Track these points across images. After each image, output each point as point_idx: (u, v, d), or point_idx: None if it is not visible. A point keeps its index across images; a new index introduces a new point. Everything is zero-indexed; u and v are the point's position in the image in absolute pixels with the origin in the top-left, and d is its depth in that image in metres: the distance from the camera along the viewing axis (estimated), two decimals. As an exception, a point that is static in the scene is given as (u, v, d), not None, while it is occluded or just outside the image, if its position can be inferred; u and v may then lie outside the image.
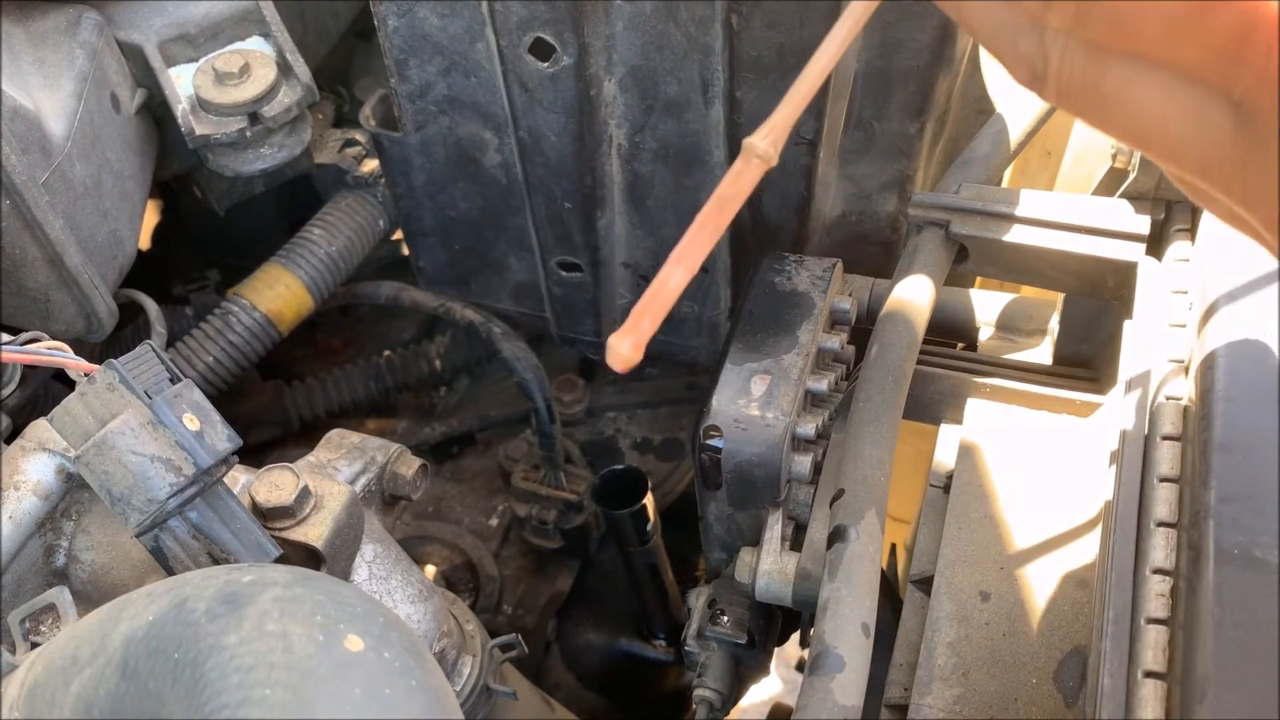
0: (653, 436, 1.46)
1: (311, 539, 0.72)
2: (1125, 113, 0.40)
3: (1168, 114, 0.39)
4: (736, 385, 0.82)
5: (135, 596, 0.53)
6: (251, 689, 0.46)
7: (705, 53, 0.95)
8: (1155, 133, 0.39)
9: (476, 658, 0.86)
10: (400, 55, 1.05)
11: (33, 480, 0.72)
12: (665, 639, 1.39)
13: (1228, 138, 0.38)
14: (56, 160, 0.90)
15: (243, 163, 1.10)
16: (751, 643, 0.90)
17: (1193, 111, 0.38)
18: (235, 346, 1.18)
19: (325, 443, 0.87)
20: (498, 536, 1.39)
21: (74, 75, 0.95)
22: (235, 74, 1.04)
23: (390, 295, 1.35)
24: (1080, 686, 0.67)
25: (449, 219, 1.23)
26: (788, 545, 0.85)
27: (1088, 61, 0.39)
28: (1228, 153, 0.38)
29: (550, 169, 1.09)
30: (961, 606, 0.72)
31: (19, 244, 0.87)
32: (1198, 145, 0.39)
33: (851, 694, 0.62)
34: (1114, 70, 0.39)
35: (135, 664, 0.49)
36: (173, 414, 0.60)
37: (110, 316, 1.00)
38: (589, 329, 1.28)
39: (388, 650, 0.50)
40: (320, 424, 1.36)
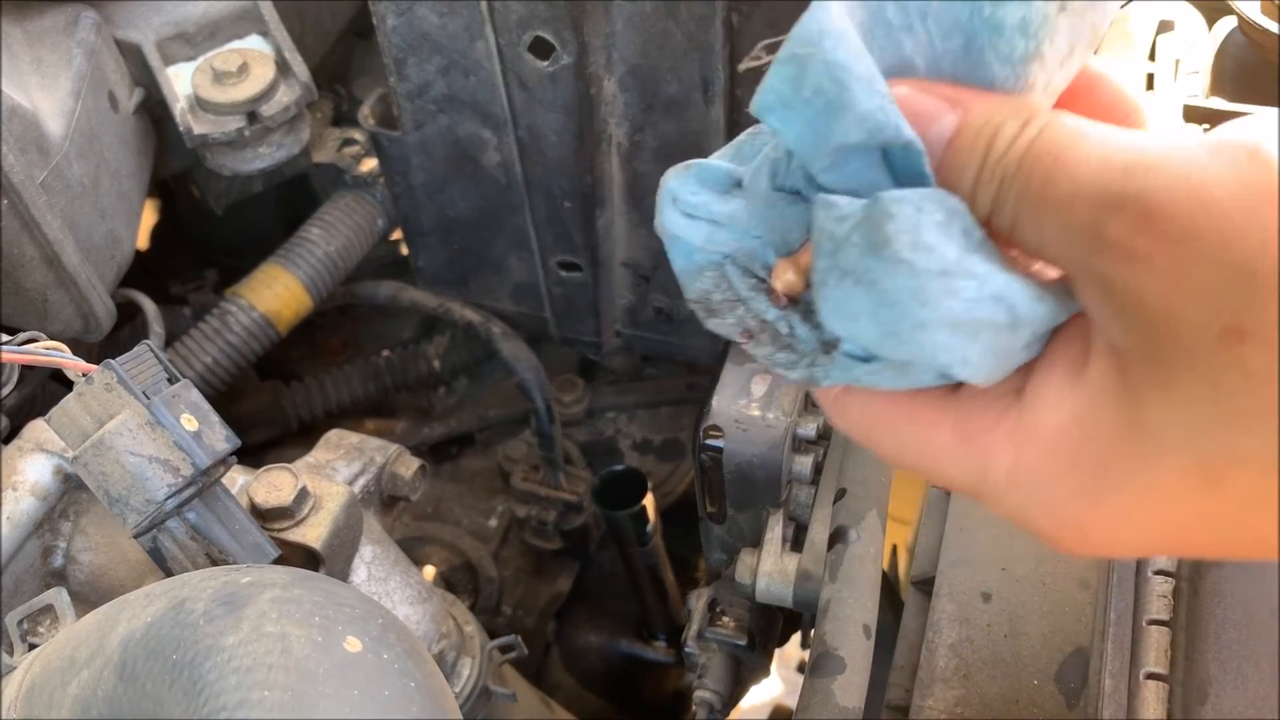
0: (653, 437, 1.45)
1: (310, 540, 0.72)
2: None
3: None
4: (737, 385, 0.82)
5: (133, 597, 0.52)
6: (250, 690, 0.46)
7: (705, 51, 0.95)
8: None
9: (476, 659, 0.86)
10: (399, 54, 1.05)
11: (30, 481, 0.72)
12: (665, 640, 1.39)
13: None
14: (54, 159, 0.90)
15: (241, 162, 1.09)
16: (752, 644, 0.90)
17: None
18: (233, 346, 1.18)
19: (324, 443, 0.87)
20: (497, 537, 1.39)
21: (72, 74, 0.94)
22: (233, 73, 1.04)
23: (389, 295, 1.35)
24: (1082, 688, 0.66)
25: (448, 218, 1.22)
26: (788, 546, 0.84)
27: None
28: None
29: (550, 168, 1.09)
30: (963, 608, 0.71)
31: (16, 243, 0.87)
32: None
33: (852, 695, 0.62)
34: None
35: (133, 665, 0.48)
36: (171, 414, 0.60)
37: (108, 316, 1.00)
38: (589, 329, 1.28)
39: (386, 651, 0.50)
40: (319, 424, 1.36)
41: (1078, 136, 0.32)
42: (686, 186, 0.40)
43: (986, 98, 0.35)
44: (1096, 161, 0.31)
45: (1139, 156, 0.31)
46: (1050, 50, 0.34)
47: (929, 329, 0.34)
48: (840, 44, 0.33)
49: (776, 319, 0.40)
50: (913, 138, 0.34)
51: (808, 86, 0.34)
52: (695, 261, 0.41)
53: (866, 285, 0.34)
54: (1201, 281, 0.29)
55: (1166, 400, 0.31)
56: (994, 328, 0.34)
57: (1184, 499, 0.31)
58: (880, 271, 0.34)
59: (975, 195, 0.34)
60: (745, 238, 0.40)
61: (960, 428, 0.37)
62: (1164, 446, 0.31)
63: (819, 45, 0.33)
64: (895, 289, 0.34)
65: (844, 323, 0.36)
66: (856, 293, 0.35)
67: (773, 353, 0.40)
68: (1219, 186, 0.29)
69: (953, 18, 0.35)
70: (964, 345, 0.34)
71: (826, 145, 0.35)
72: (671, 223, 0.41)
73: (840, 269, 0.35)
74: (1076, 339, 0.35)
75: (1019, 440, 0.35)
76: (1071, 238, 0.32)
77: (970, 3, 0.34)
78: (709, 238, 0.41)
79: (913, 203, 0.33)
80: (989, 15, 0.34)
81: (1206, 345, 0.30)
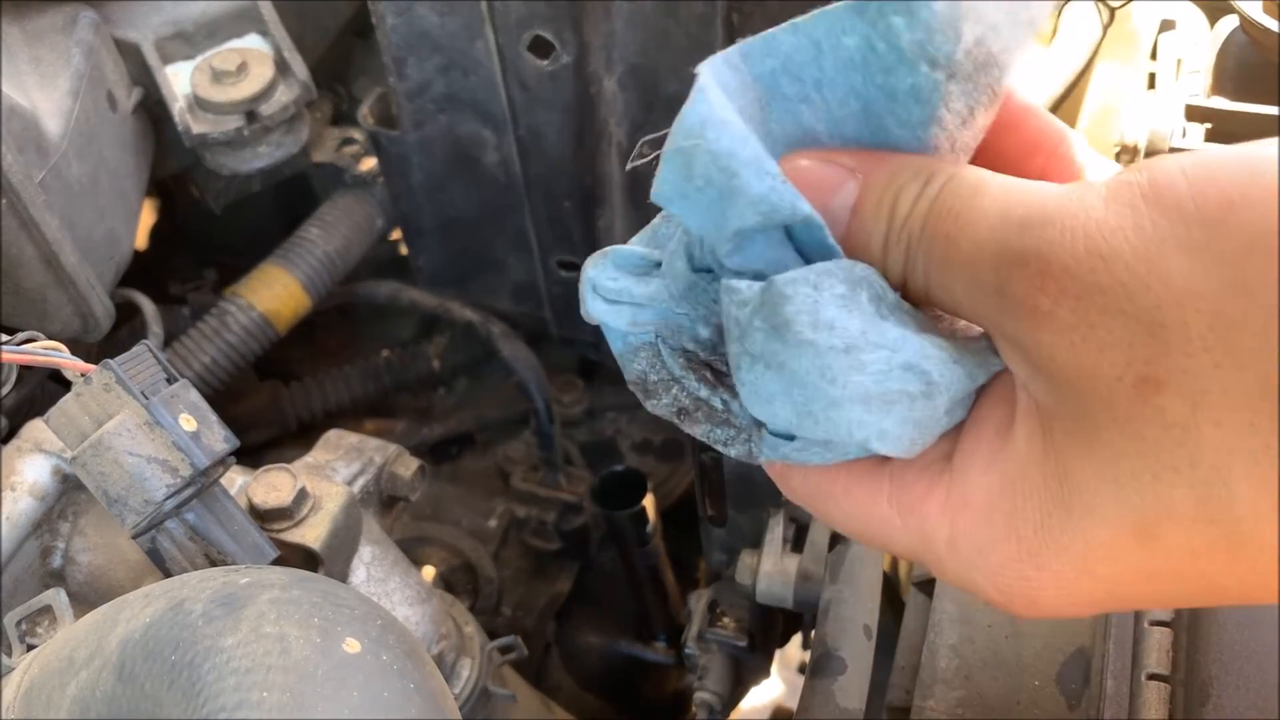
0: (653, 437, 1.45)
1: (309, 540, 0.71)
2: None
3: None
4: (737, 385, 0.82)
5: (132, 598, 0.52)
6: (249, 691, 0.46)
7: (706, 51, 0.94)
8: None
9: (475, 660, 0.86)
10: (399, 53, 1.04)
11: (29, 481, 0.72)
12: (665, 641, 1.38)
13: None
14: (53, 159, 0.90)
15: (240, 161, 1.09)
16: (752, 645, 0.90)
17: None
18: (232, 346, 1.18)
19: (323, 443, 0.87)
20: (497, 538, 1.39)
21: (70, 74, 0.94)
22: (232, 72, 1.04)
23: (389, 295, 1.35)
24: (1083, 689, 0.66)
25: (448, 218, 1.22)
26: (789, 547, 0.84)
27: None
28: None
29: (550, 168, 1.09)
30: (964, 608, 0.71)
31: (15, 243, 0.87)
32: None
33: (853, 696, 0.62)
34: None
35: (132, 666, 0.48)
36: (169, 415, 0.60)
37: (107, 316, 1.00)
38: (589, 329, 1.27)
39: (386, 652, 0.50)
40: (318, 424, 1.36)
41: (976, 192, 0.32)
42: (605, 273, 0.41)
43: (887, 160, 0.35)
44: (995, 217, 0.31)
45: (1036, 209, 0.30)
46: (948, 114, 0.34)
47: (841, 406, 0.34)
48: (723, 132, 0.33)
49: (710, 396, 0.40)
50: (809, 213, 0.33)
51: (697, 177, 0.34)
52: (630, 343, 0.42)
53: (775, 368, 0.34)
54: (1109, 335, 0.29)
55: (1091, 458, 0.30)
56: (908, 398, 0.34)
57: (1124, 557, 0.31)
58: (786, 354, 0.34)
59: (886, 260, 0.34)
60: (671, 315, 0.40)
61: (896, 499, 0.36)
62: (1096, 506, 0.30)
63: (702, 136, 0.33)
64: (802, 370, 0.34)
65: (760, 406, 0.36)
66: (768, 376, 0.35)
67: (709, 429, 0.41)
68: (1116, 235, 0.28)
69: (847, 85, 0.34)
70: (879, 419, 0.34)
71: (725, 231, 0.35)
72: (595, 310, 0.41)
73: (749, 354, 0.35)
74: (1002, 400, 0.34)
75: (954, 509, 0.34)
76: (980, 297, 0.32)
77: (861, 72, 0.34)
78: (633, 320, 0.41)
79: (808, 281, 0.33)
80: (881, 84, 0.34)
81: (1123, 399, 0.29)
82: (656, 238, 0.41)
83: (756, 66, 0.35)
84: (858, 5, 0.33)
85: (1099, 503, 0.30)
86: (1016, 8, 0.32)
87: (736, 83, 0.35)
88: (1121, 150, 0.91)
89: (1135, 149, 0.89)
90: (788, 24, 0.35)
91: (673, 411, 0.41)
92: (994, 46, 0.33)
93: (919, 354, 0.33)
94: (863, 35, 0.33)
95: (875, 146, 0.35)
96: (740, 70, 0.35)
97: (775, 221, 0.34)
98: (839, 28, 0.34)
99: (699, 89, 0.33)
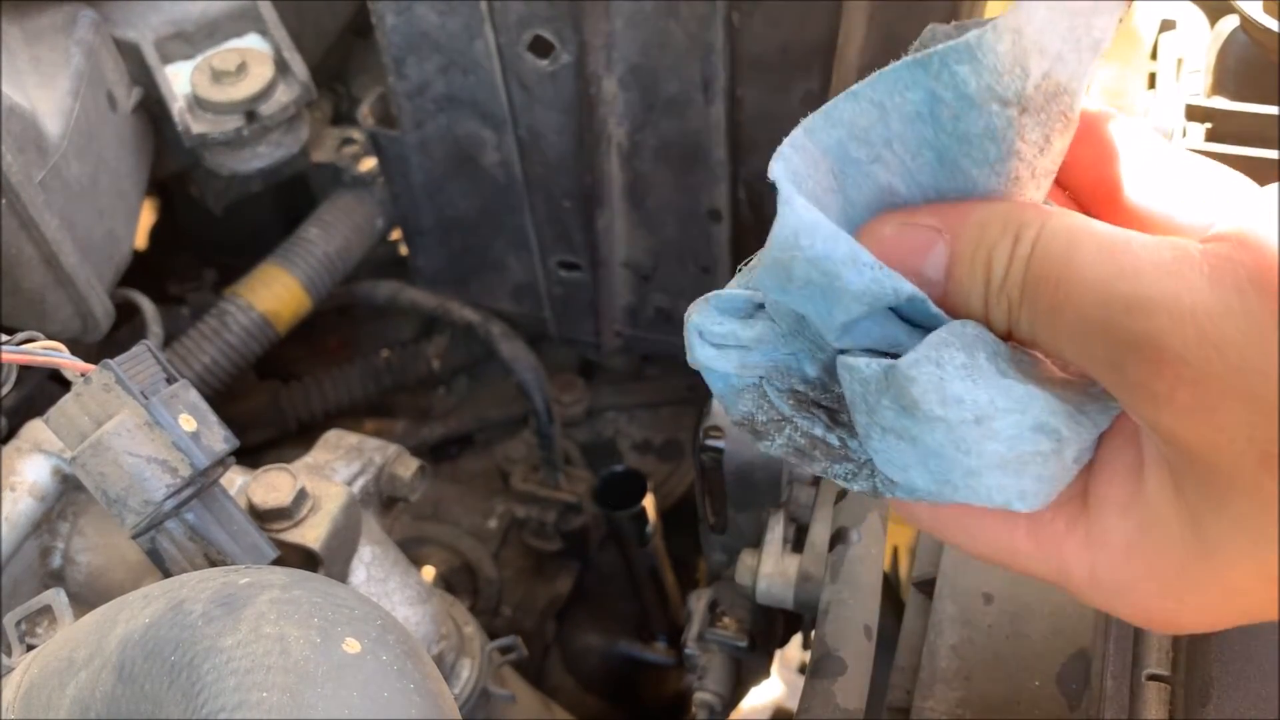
0: (653, 437, 1.45)
1: (309, 541, 0.71)
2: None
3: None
4: (737, 385, 0.82)
5: (132, 598, 0.52)
6: (248, 691, 0.46)
7: (706, 51, 0.95)
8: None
9: (475, 660, 0.86)
10: (398, 53, 1.04)
11: (28, 481, 0.72)
12: (665, 641, 1.38)
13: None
14: (52, 159, 0.90)
15: (239, 161, 1.09)
16: (752, 645, 0.90)
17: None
18: (232, 346, 1.18)
19: (323, 443, 0.86)
20: (497, 538, 1.38)
21: (70, 73, 0.94)
22: (232, 72, 1.04)
23: (388, 295, 1.35)
24: (1083, 689, 0.66)
25: (447, 218, 1.22)
26: (789, 547, 0.84)
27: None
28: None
29: (549, 168, 1.09)
30: (964, 609, 0.71)
31: (15, 243, 0.87)
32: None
33: (853, 697, 0.62)
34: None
35: (132, 666, 0.48)
36: (169, 415, 0.60)
37: (106, 316, 0.99)
38: (588, 329, 1.28)
39: (385, 653, 0.50)
40: (318, 425, 1.36)
41: (1071, 252, 0.32)
42: (709, 318, 0.40)
43: (971, 214, 0.35)
44: (1100, 291, 0.31)
45: (1140, 291, 0.30)
46: (1025, 145, 0.34)
47: (979, 474, 0.35)
48: (816, 237, 0.33)
49: (826, 434, 0.40)
50: (912, 292, 0.34)
51: (798, 280, 0.35)
52: (733, 385, 0.41)
53: (909, 441, 0.35)
54: (1229, 417, 0.30)
55: (1223, 516, 0.32)
56: (1041, 457, 0.34)
57: (1258, 594, 0.33)
58: (918, 430, 0.35)
59: (989, 319, 0.35)
60: (778, 356, 0.40)
61: (1034, 535, 0.38)
62: (1231, 559, 0.33)
63: (797, 246, 0.34)
64: (936, 444, 0.34)
65: (896, 472, 0.37)
66: (901, 447, 0.36)
67: (829, 466, 0.40)
68: (1226, 322, 0.29)
69: (918, 137, 0.35)
70: (1016, 481, 0.35)
71: (832, 323, 0.36)
72: (702, 355, 0.41)
73: (880, 426, 0.36)
74: (1127, 442, 0.36)
75: (1093, 549, 0.36)
76: (1094, 368, 0.33)
77: (929, 123, 0.34)
78: (741, 363, 0.41)
79: (929, 359, 0.34)
80: (952, 131, 0.34)
81: (1248, 472, 0.30)
82: (756, 279, 0.41)
83: (822, 140, 0.36)
84: (918, 60, 0.33)
85: (1235, 558, 0.33)
86: (1078, 33, 0.32)
87: (806, 163, 0.35)
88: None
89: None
90: (844, 94, 0.35)
91: (788, 451, 0.41)
92: (1062, 76, 0.33)
93: (1046, 411, 0.34)
94: (927, 89, 0.33)
95: (956, 191, 0.35)
96: (807, 148, 0.36)
97: (879, 307, 0.35)
98: (900, 85, 0.34)
99: (783, 201, 0.34)
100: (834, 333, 0.36)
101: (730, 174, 1.05)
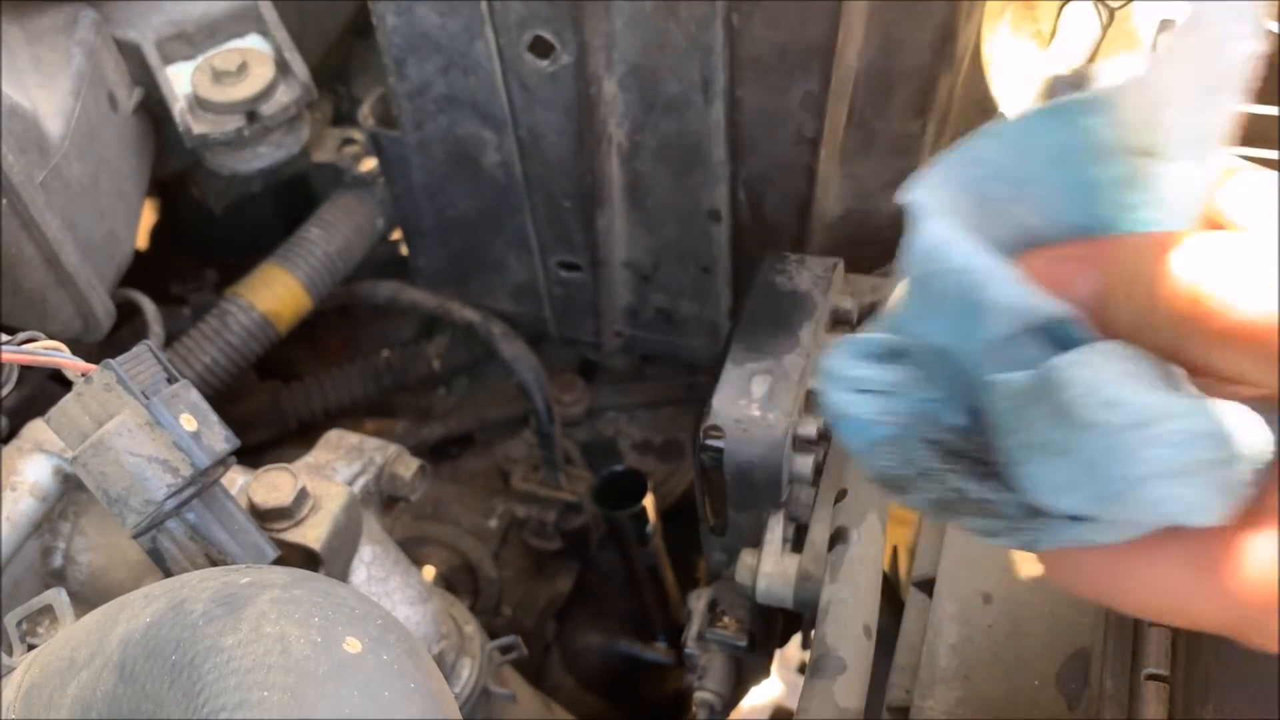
0: (653, 437, 1.45)
1: (309, 540, 0.72)
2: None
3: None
4: (737, 385, 0.82)
5: (132, 598, 0.52)
6: (249, 691, 0.46)
7: (706, 51, 0.95)
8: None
9: (475, 660, 0.86)
10: (399, 53, 1.04)
11: (30, 481, 0.72)
12: (665, 641, 1.39)
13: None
14: (53, 159, 0.90)
15: (240, 161, 1.09)
16: (752, 645, 0.90)
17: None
18: (233, 346, 1.18)
19: (323, 443, 0.87)
20: (497, 538, 1.39)
21: (71, 74, 0.94)
22: (233, 72, 1.04)
23: (389, 295, 1.35)
24: (1083, 689, 0.66)
25: (448, 218, 1.22)
26: (789, 547, 0.84)
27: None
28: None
29: (550, 168, 1.09)
30: (963, 608, 0.71)
31: (16, 243, 0.87)
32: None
33: (853, 696, 0.62)
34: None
35: (133, 666, 0.48)
36: (170, 415, 0.60)
37: (107, 316, 1.00)
38: (589, 329, 1.28)
39: (386, 652, 0.50)
40: (318, 425, 1.36)
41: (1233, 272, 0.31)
42: (846, 363, 0.39)
43: (1122, 245, 0.34)
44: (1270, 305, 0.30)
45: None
46: (1166, 191, 0.33)
47: (1143, 484, 0.32)
48: (955, 250, 0.33)
49: (971, 488, 0.38)
50: (1062, 308, 0.33)
51: (939, 297, 0.34)
52: (870, 438, 0.39)
53: (1062, 455, 0.33)
54: None
55: None
56: (1210, 465, 0.32)
57: None
58: (1073, 440, 0.32)
59: (1147, 344, 0.33)
60: (919, 401, 0.38)
61: (1197, 562, 0.35)
62: None
63: (937, 258, 0.33)
64: (1094, 453, 0.32)
65: (1048, 495, 0.34)
66: (1054, 465, 0.33)
67: (975, 521, 0.38)
68: None
69: (1058, 179, 0.34)
70: (1185, 491, 0.32)
71: (975, 344, 0.34)
72: (841, 401, 0.39)
73: (1031, 445, 0.34)
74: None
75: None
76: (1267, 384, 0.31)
77: (1069, 167, 0.33)
78: (882, 409, 0.39)
79: (1085, 363, 0.32)
80: (1090, 177, 0.33)
81: None
82: (893, 323, 0.39)
83: (959, 177, 0.35)
84: (1050, 108, 0.33)
85: None
86: (1205, 80, 0.32)
87: (939, 201, 0.35)
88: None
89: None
90: (982, 133, 0.35)
91: (931, 505, 0.39)
92: (1194, 123, 0.32)
93: (1215, 419, 0.32)
94: (1060, 136, 0.33)
95: (1099, 233, 0.35)
96: (944, 185, 0.35)
97: (1026, 325, 0.33)
98: (1036, 129, 0.34)
99: (918, 218, 0.33)
100: (977, 357, 0.35)
101: (730, 174, 1.05)
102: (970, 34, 1.01)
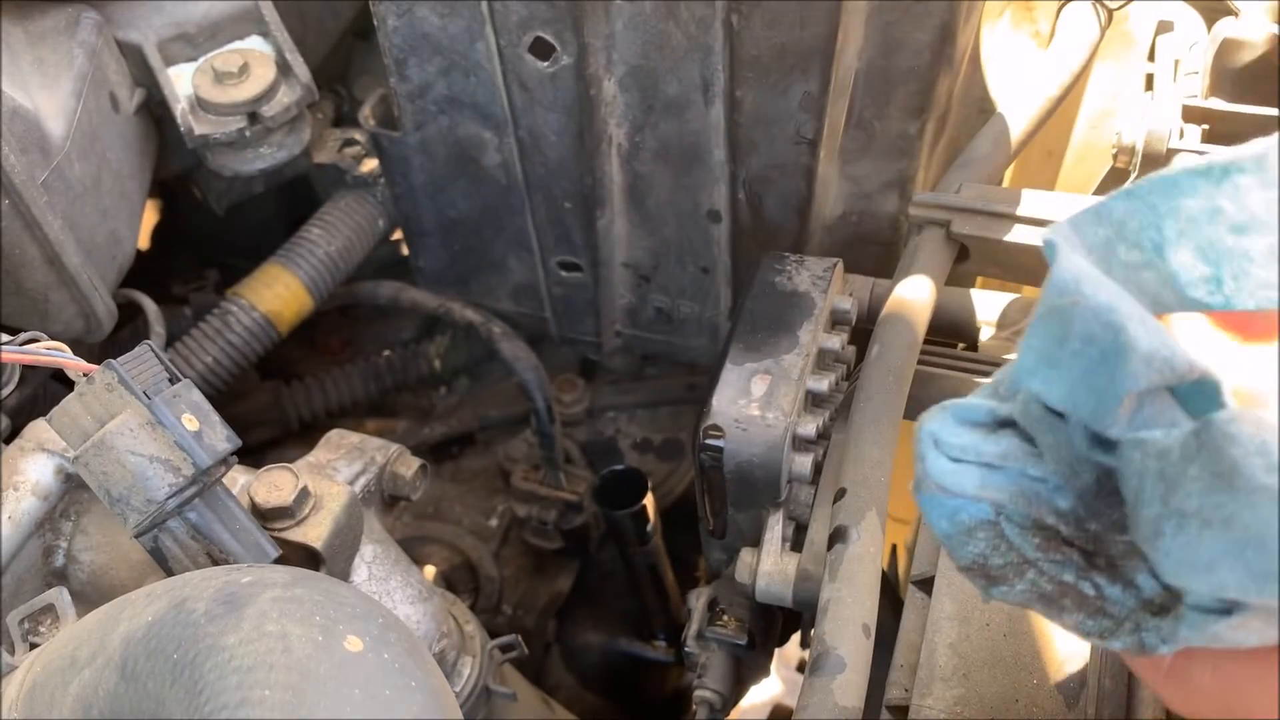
0: (653, 437, 1.45)
1: (311, 539, 0.72)
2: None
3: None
4: (737, 385, 0.82)
5: (134, 597, 0.53)
6: (250, 689, 0.46)
7: (705, 52, 0.95)
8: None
9: (476, 658, 0.86)
10: (400, 55, 1.05)
11: (31, 481, 0.72)
12: (665, 640, 1.39)
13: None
14: (55, 160, 0.90)
15: (242, 162, 1.10)
16: (752, 643, 0.90)
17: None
18: (234, 346, 1.18)
19: (324, 443, 0.87)
20: (497, 537, 1.39)
21: (73, 75, 0.94)
22: (234, 73, 1.04)
23: (390, 295, 1.35)
24: (1081, 688, 0.66)
25: (448, 219, 1.22)
26: (788, 546, 0.84)
27: None
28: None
29: (550, 169, 1.09)
30: (962, 607, 0.71)
31: (18, 243, 0.87)
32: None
33: (852, 695, 0.62)
34: None
35: (134, 664, 0.48)
36: (171, 414, 0.60)
37: (109, 316, 1.00)
38: (589, 329, 1.28)
39: (387, 651, 0.50)
40: (319, 424, 1.36)
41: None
42: (947, 428, 0.36)
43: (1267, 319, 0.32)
44: None
45: None
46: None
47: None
48: (1100, 287, 0.30)
49: (1078, 581, 0.34)
50: (1207, 370, 0.30)
51: (1077, 337, 0.30)
52: (962, 521, 0.36)
53: (1220, 525, 0.29)
54: None
55: None
56: None
57: None
58: (1235, 505, 0.29)
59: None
60: (1024, 480, 0.35)
61: None
62: None
63: (1079, 292, 0.30)
64: (1260, 521, 0.28)
65: (1196, 576, 0.30)
66: (1208, 536, 0.29)
67: (1081, 620, 0.35)
68: None
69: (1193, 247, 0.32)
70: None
71: (1111, 397, 0.31)
72: (937, 469, 0.36)
73: (1179, 513, 0.30)
74: None
75: None
76: None
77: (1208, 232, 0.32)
78: (982, 483, 0.35)
79: (1250, 419, 0.29)
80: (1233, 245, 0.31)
81: None
82: (999, 390, 0.36)
83: (1089, 237, 0.33)
84: (1200, 168, 0.31)
85: None
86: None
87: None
88: (1119, 151, 0.91)
89: (1133, 150, 0.89)
90: (1118, 192, 0.33)
91: (1030, 600, 0.35)
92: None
93: None
94: (1207, 196, 0.31)
95: (1234, 309, 0.32)
96: (1071, 243, 0.33)
97: (1167, 381, 0.30)
98: (1178, 190, 0.32)
99: (1056, 251, 0.31)
100: (1109, 417, 0.31)
101: (729, 175, 1.06)
102: (969, 34, 1.01)
